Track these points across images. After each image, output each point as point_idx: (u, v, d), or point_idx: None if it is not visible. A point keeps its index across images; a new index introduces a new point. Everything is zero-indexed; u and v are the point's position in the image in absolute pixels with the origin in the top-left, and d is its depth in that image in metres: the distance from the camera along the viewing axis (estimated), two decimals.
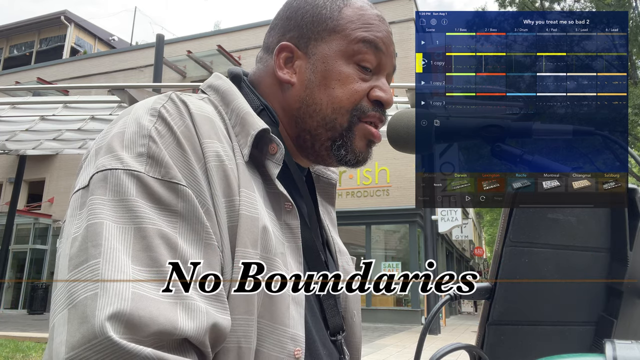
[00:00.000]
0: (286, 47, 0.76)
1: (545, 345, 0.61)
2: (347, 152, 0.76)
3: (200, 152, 0.61)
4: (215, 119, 0.67)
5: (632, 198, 0.60)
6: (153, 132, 0.59)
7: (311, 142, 0.76)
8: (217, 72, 0.79)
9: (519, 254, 0.59)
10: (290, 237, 0.69)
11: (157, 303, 0.49)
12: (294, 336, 0.63)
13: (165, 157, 0.57)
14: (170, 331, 0.49)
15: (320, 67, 0.74)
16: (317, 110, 0.74)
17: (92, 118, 9.15)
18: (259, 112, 0.74)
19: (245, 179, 0.64)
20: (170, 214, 0.55)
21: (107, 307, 0.47)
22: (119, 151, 0.57)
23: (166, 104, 0.63)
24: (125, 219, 0.53)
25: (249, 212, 0.62)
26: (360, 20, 0.76)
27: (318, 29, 0.76)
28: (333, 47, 0.75)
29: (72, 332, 0.47)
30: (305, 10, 0.77)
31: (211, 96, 0.73)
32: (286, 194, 0.68)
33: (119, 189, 0.54)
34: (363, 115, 0.75)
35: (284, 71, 0.76)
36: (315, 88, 0.74)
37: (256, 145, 0.68)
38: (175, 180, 0.57)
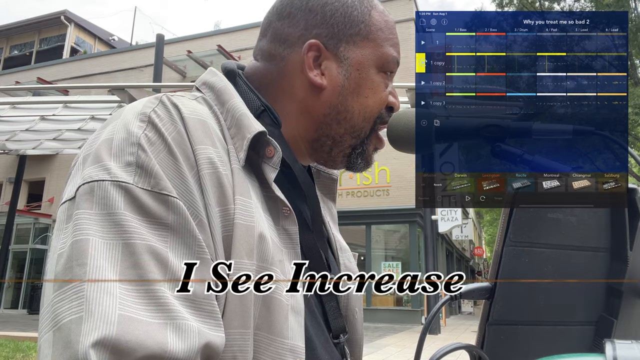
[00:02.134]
0: (314, 45, 0.72)
1: (545, 345, 0.61)
2: (362, 160, 0.76)
3: (192, 159, 0.58)
4: (210, 121, 0.63)
5: (632, 198, 0.60)
6: (142, 140, 0.56)
7: (330, 147, 0.75)
8: (212, 68, 0.75)
9: (519, 254, 0.59)
10: (288, 243, 0.66)
11: (145, 325, 0.47)
12: (293, 348, 0.60)
13: (155, 167, 0.54)
14: (159, 355, 0.46)
15: (354, 74, 0.73)
16: (348, 118, 0.73)
17: (92, 118, 9.15)
18: (260, 113, 0.71)
19: (241, 184, 0.61)
20: (161, 227, 0.53)
21: (91, 332, 0.44)
22: (107, 160, 0.54)
23: (157, 107, 0.60)
24: (113, 234, 0.50)
25: (244, 221, 0.59)
26: (386, 28, 0.76)
27: (350, 32, 0.73)
28: (366, 55, 0.73)
29: (57, 356, 0.45)
30: (334, 8, 0.73)
31: (206, 94, 0.70)
32: (284, 199, 0.66)
33: (106, 202, 0.52)
34: (382, 122, 0.75)
35: (314, 72, 0.72)
36: (349, 95, 0.73)
37: (253, 148, 0.65)
38: (166, 191, 0.54)
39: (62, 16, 26.22)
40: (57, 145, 10.41)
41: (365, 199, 15.60)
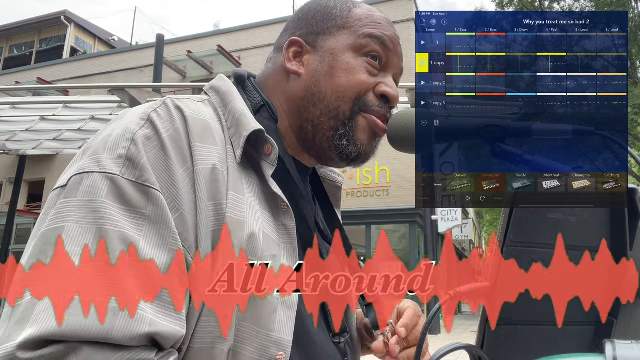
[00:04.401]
0: (295, 41, 0.78)
1: (545, 345, 0.61)
2: (349, 143, 0.75)
3: (188, 155, 0.61)
4: (212, 121, 0.67)
5: (632, 198, 0.60)
6: (138, 135, 0.60)
7: (313, 134, 0.76)
8: (221, 75, 0.80)
9: (519, 254, 0.59)
10: (286, 238, 0.68)
11: (95, 311, 0.49)
12: (278, 340, 0.62)
13: (142, 160, 0.58)
14: (103, 338, 0.49)
15: (328, 58, 0.76)
16: (322, 99, 0.75)
17: (92, 118, 9.15)
18: (259, 109, 0.75)
19: (235, 181, 0.64)
20: (138, 216, 0.56)
21: (40, 315, 0.48)
22: (101, 154, 0.58)
23: (159, 108, 0.64)
24: (89, 219, 0.53)
25: (235, 216, 0.62)
26: (368, 19, 0.78)
27: (327, 25, 0.78)
28: (341, 41, 0.76)
29: (9, 329, 0.49)
30: (316, 11, 0.80)
31: (212, 97, 0.74)
32: (281, 194, 0.68)
33: (90, 190, 0.55)
34: (365, 107, 0.75)
35: (292, 63, 0.78)
36: (322, 77, 0.76)
37: (253, 146, 0.69)
38: (148, 183, 0.57)
39: (62, 16, 26.22)
40: (57, 146, 10.41)
41: (365, 199, 15.60)
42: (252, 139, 0.67)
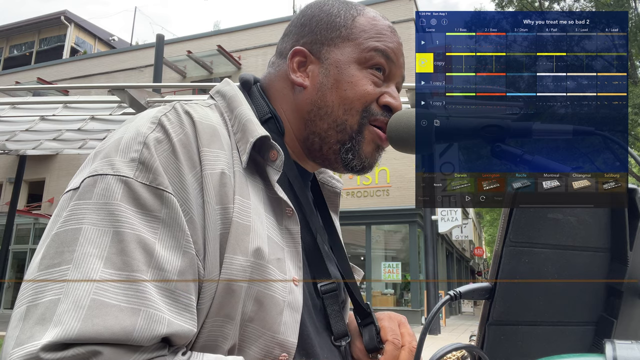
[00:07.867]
0: (299, 51, 0.78)
1: (545, 345, 0.61)
2: (354, 157, 0.76)
3: (197, 160, 0.62)
4: (220, 127, 0.68)
5: (632, 198, 0.60)
6: (149, 139, 0.60)
7: (319, 145, 0.77)
8: (227, 79, 0.81)
9: (519, 254, 0.59)
10: (290, 242, 0.69)
11: (116, 310, 0.50)
12: (283, 342, 0.63)
13: (155, 163, 0.58)
14: (124, 339, 0.49)
15: (333, 71, 0.76)
16: (329, 112, 0.75)
17: (92, 118, 9.14)
18: (267, 120, 0.76)
19: (241, 186, 0.65)
20: (153, 219, 0.56)
21: (64, 315, 0.48)
22: (113, 157, 0.59)
23: (169, 113, 0.65)
24: (106, 222, 0.54)
25: (241, 220, 0.62)
26: (373, 30, 0.78)
27: (331, 36, 0.77)
28: (346, 53, 0.76)
29: (26, 329, 0.49)
30: (319, 18, 0.79)
31: (219, 102, 0.75)
32: (287, 199, 0.69)
33: (105, 193, 0.56)
34: (372, 117, 0.76)
35: (297, 74, 0.78)
36: (327, 91, 0.76)
37: (259, 152, 0.69)
38: (162, 187, 0.58)
39: (62, 16, 26.22)
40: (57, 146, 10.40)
41: (365, 199, 15.59)
42: (258, 144, 0.68)
